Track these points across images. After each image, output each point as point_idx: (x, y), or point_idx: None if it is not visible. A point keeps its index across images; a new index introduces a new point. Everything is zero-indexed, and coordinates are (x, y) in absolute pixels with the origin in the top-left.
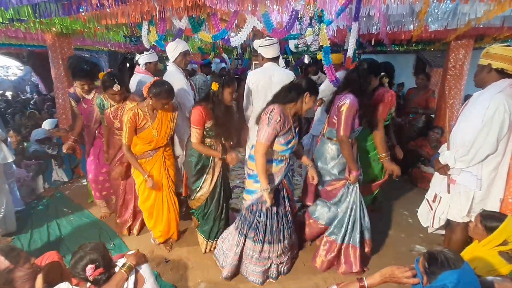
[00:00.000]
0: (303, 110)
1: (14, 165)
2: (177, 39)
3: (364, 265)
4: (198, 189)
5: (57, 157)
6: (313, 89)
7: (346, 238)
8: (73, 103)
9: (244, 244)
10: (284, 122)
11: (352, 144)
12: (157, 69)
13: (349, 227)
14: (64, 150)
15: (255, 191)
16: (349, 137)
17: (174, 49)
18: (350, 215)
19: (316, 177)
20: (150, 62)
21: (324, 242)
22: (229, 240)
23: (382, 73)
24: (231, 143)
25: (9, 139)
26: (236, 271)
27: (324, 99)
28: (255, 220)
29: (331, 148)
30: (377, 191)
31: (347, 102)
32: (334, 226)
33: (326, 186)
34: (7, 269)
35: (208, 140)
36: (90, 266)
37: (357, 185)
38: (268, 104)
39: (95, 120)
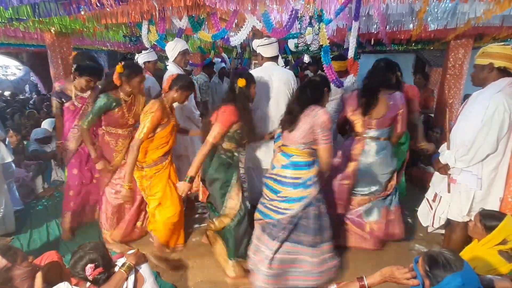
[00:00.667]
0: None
1: (13, 165)
2: (176, 38)
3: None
4: (227, 203)
5: (56, 156)
6: (329, 83)
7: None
8: (55, 103)
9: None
10: None
11: None
12: (157, 68)
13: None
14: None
15: (306, 196)
16: None
17: (173, 48)
18: None
19: None
20: (149, 61)
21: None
22: (264, 251)
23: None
24: None
25: (8, 139)
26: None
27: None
28: (314, 223)
29: (390, 148)
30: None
31: (403, 100)
32: None
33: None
34: (5, 268)
35: (231, 146)
36: (89, 265)
37: None
38: (305, 105)
39: None
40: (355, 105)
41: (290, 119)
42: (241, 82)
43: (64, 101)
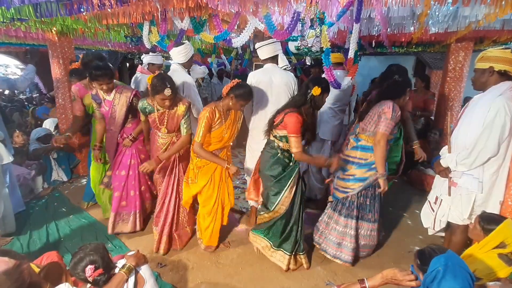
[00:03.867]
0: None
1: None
2: (186, 42)
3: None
4: (278, 201)
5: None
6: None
7: None
8: (94, 105)
9: (357, 226)
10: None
11: None
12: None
13: None
14: (54, 143)
15: (367, 178)
16: None
17: (187, 52)
18: None
19: None
20: (153, 64)
21: None
22: (338, 229)
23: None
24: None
25: (14, 139)
26: (357, 254)
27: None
28: (371, 203)
29: None
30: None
31: None
32: None
33: None
34: (16, 266)
35: (288, 146)
36: (89, 266)
37: None
38: (379, 100)
39: (117, 123)
40: None
41: (366, 111)
42: (316, 91)
43: (98, 104)
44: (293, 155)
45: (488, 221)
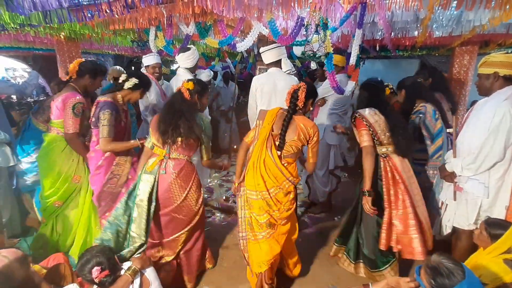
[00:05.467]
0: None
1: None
2: (192, 47)
3: None
4: None
5: None
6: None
7: None
8: (112, 119)
9: None
10: None
11: None
12: (160, 72)
13: None
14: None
15: None
16: None
17: (194, 57)
18: None
19: None
20: (147, 66)
21: None
22: None
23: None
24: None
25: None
26: None
27: (325, 98)
28: None
29: None
30: None
31: None
32: None
33: None
34: (25, 256)
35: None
36: (96, 268)
37: None
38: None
39: (127, 135)
40: None
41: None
42: (388, 91)
43: (117, 116)
44: None
45: (495, 227)
